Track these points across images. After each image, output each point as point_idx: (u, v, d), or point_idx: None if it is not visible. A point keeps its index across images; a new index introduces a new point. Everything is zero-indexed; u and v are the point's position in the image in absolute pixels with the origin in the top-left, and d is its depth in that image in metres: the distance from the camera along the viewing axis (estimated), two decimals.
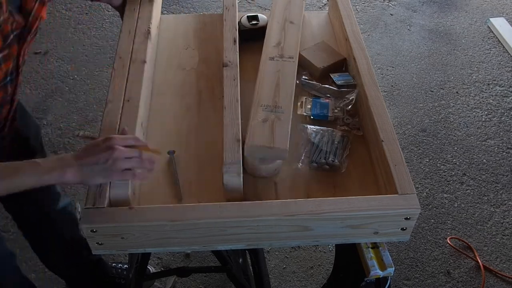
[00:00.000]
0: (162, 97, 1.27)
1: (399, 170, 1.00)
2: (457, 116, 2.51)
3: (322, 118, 1.21)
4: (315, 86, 1.27)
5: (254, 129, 1.08)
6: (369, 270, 1.03)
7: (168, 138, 1.17)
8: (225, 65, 1.22)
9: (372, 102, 1.13)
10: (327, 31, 1.47)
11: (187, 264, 1.90)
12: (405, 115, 2.51)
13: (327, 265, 1.93)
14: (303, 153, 1.12)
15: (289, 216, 0.94)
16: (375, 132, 1.09)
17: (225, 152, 1.02)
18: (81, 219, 0.92)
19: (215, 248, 1.02)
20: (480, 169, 2.27)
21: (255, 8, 3.14)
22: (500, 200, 2.15)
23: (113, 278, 1.78)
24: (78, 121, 2.44)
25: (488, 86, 2.67)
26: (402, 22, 3.08)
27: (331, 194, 1.05)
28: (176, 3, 3.15)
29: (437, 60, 2.82)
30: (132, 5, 1.37)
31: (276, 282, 1.88)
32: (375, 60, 2.80)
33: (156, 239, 0.95)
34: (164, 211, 0.94)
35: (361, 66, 1.22)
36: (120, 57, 1.23)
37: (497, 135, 2.42)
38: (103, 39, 2.89)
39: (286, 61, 1.25)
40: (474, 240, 2.02)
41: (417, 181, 2.21)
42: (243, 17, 1.44)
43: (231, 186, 1.01)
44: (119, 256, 1.92)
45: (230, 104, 1.12)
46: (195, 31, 1.48)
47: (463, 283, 1.90)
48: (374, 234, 1.00)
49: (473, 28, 3.03)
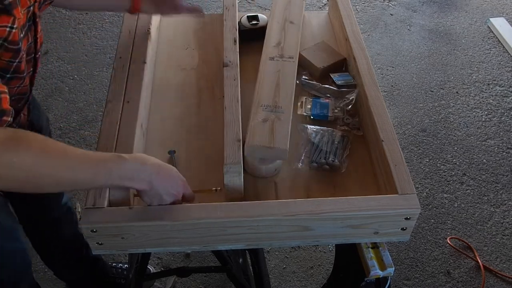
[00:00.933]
0: (162, 97, 1.27)
1: (399, 170, 1.00)
2: (457, 116, 2.51)
3: (322, 118, 1.21)
4: (315, 86, 1.27)
5: (254, 129, 1.08)
6: (369, 270, 1.03)
7: (168, 138, 1.17)
8: (225, 65, 1.22)
9: (372, 102, 1.13)
10: (327, 31, 1.48)
11: (187, 264, 1.90)
12: (405, 115, 2.51)
13: (327, 265, 1.93)
14: (303, 153, 1.12)
15: (289, 216, 0.94)
16: (375, 132, 1.08)
17: (225, 152, 1.02)
18: (81, 219, 0.92)
19: (215, 248, 1.02)
20: (480, 169, 2.27)
21: (255, 8, 3.14)
22: (500, 200, 2.15)
23: (113, 278, 1.78)
24: (78, 121, 2.44)
25: (488, 86, 2.67)
26: (402, 22, 3.08)
27: (331, 194, 1.05)
28: None
29: (437, 60, 2.82)
30: None
31: (276, 282, 1.88)
32: (375, 60, 2.80)
33: (156, 239, 0.95)
34: (164, 211, 0.94)
35: (361, 66, 1.22)
36: (120, 57, 1.23)
37: (497, 135, 2.42)
38: (103, 39, 2.89)
39: (286, 61, 1.25)
40: (474, 240, 2.02)
41: (417, 181, 2.21)
42: (243, 17, 1.44)
43: (231, 186, 1.01)
44: (119, 256, 1.92)
45: (230, 104, 1.12)
46: (195, 31, 1.48)
47: (463, 283, 1.90)
48: (374, 234, 1.00)
49: (473, 28, 3.03)
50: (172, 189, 0.93)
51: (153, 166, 0.90)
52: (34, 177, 0.78)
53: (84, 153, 0.84)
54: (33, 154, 0.77)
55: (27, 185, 0.80)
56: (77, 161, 0.82)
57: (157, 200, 0.93)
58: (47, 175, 0.79)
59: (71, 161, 0.81)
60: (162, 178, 0.91)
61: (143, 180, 0.88)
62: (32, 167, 0.77)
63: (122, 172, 0.86)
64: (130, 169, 0.87)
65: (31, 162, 0.76)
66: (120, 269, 1.80)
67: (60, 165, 0.80)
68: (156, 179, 0.90)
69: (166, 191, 0.92)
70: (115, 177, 0.85)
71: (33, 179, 0.78)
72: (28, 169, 0.76)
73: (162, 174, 0.92)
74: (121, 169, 0.86)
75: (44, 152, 0.78)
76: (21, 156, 0.75)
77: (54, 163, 0.79)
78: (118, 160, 0.86)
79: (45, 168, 0.78)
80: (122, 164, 0.86)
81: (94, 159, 0.84)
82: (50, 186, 0.83)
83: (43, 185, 0.81)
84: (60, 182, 0.82)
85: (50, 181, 0.80)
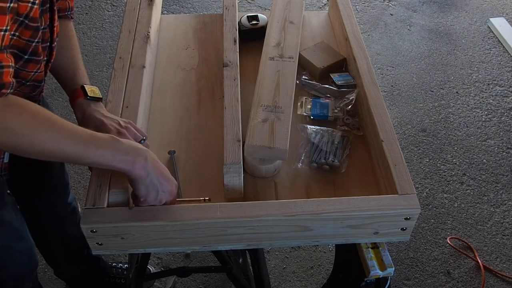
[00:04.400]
0: (162, 97, 1.27)
1: (399, 170, 1.00)
2: (457, 116, 2.51)
3: (322, 118, 1.21)
4: (315, 86, 1.27)
5: (254, 129, 1.08)
6: (369, 270, 1.03)
7: (168, 138, 1.17)
8: (225, 65, 1.22)
9: (372, 102, 1.13)
10: (327, 31, 1.47)
11: (187, 264, 1.90)
12: (405, 115, 2.51)
13: (327, 265, 1.93)
14: (303, 153, 1.12)
15: (289, 216, 0.94)
16: (375, 132, 1.08)
17: (225, 152, 1.02)
18: (81, 219, 0.92)
19: (215, 248, 1.02)
20: (480, 169, 2.27)
21: (255, 8, 3.14)
22: (500, 200, 2.15)
23: (113, 278, 1.78)
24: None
25: (488, 86, 2.67)
26: (402, 22, 3.08)
27: (331, 194, 1.05)
28: (176, 3, 3.15)
29: (437, 60, 2.82)
30: (132, 5, 1.37)
31: (276, 282, 1.88)
32: (375, 60, 2.80)
33: (156, 239, 0.95)
34: (164, 211, 0.94)
35: (361, 66, 1.22)
36: (120, 57, 1.23)
37: (497, 135, 2.42)
38: (103, 39, 2.89)
39: (286, 61, 1.25)
40: (474, 240, 2.02)
41: (417, 181, 2.21)
42: (243, 17, 1.44)
43: (231, 186, 1.01)
44: (119, 256, 1.92)
45: (230, 104, 1.12)
46: (195, 31, 1.48)
47: (463, 283, 1.90)
48: (374, 234, 1.00)
49: (473, 28, 3.03)
50: (167, 187, 0.93)
51: (149, 154, 0.90)
52: (21, 143, 0.80)
53: (75, 128, 0.85)
54: (21, 121, 0.79)
55: (14, 149, 0.83)
56: (64, 135, 0.83)
57: (154, 193, 0.92)
58: (29, 143, 0.81)
59: (57, 133, 0.82)
60: (158, 170, 0.91)
61: (138, 164, 0.88)
62: (19, 133, 0.79)
63: (115, 151, 0.86)
64: (123, 150, 0.87)
65: (18, 129, 0.78)
66: (120, 269, 1.80)
67: (45, 136, 0.81)
68: (152, 168, 0.90)
69: (161, 186, 0.92)
70: (107, 156, 0.86)
71: (19, 145, 0.81)
72: (15, 134, 0.79)
73: (159, 167, 0.92)
74: (114, 149, 0.86)
75: (33, 120, 0.80)
76: (10, 121, 0.78)
77: (38, 133, 0.81)
78: (112, 140, 0.87)
79: (29, 137, 0.80)
80: (115, 144, 0.87)
81: (84, 136, 0.85)
82: (34, 154, 0.84)
83: (29, 152, 0.83)
84: (43, 152, 0.83)
85: (32, 149, 0.82)
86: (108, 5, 3.11)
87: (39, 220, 1.45)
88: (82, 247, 1.59)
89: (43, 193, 1.39)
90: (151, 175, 0.90)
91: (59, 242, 1.56)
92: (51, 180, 1.39)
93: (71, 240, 1.55)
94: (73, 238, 1.54)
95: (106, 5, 3.11)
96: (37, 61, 0.95)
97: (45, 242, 1.55)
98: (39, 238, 1.49)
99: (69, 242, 1.56)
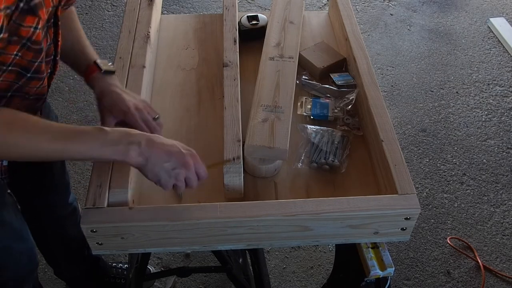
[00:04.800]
0: (162, 97, 1.27)
1: (399, 170, 1.00)
2: (457, 116, 2.51)
3: (322, 118, 1.21)
4: (315, 86, 1.27)
5: (254, 129, 1.08)
6: (369, 270, 1.03)
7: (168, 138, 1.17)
8: (225, 65, 1.22)
9: (372, 102, 1.13)
10: (327, 31, 1.47)
11: (187, 264, 1.90)
12: (405, 115, 2.51)
13: (327, 265, 1.93)
14: (303, 153, 1.12)
15: (289, 216, 0.94)
16: (375, 132, 1.09)
17: (225, 152, 1.02)
18: (81, 219, 0.92)
19: (215, 248, 1.02)
20: (480, 169, 2.27)
21: (255, 8, 3.14)
22: (500, 200, 2.15)
23: (113, 278, 1.78)
24: (78, 121, 2.44)
25: (488, 86, 2.67)
26: (402, 22, 3.08)
27: (331, 194, 1.05)
28: (176, 3, 3.15)
29: (437, 60, 2.82)
30: (132, 5, 1.37)
31: (276, 282, 1.88)
32: (375, 60, 2.80)
33: (156, 239, 0.95)
34: (164, 211, 0.94)
35: (361, 66, 1.22)
36: (120, 57, 1.23)
37: (497, 135, 2.42)
38: (103, 39, 2.89)
39: (286, 61, 1.26)
40: (474, 240, 2.02)
41: (417, 181, 2.21)
42: (243, 17, 1.44)
43: (231, 186, 1.01)
44: (119, 256, 1.92)
45: (230, 104, 1.12)
46: (195, 31, 1.48)
47: (463, 283, 1.90)
48: (374, 234, 1.00)
49: (473, 28, 3.03)
50: (175, 162, 0.88)
51: (144, 138, 0.88)
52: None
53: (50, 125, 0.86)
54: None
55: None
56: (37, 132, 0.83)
57: (164, 175, 0.88)
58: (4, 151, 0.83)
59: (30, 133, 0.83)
60: (158, 151, 0.87)
61: (133, 152, 0.86)
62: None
63: (103, 143, 0.85)
64: (112, 140, 0.86)
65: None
66: (120, 269, 1.80)
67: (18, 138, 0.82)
68: (150, 151, 0.87)
69: (169, 164, 0.88)
70: (96, 149, 0.85)
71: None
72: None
73: (158, 146, 0.88)
74: (102, 140, 0.85)
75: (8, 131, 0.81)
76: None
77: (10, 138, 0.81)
78: (97, 132, 0.86)
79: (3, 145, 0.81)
80: (101, 135, 0.86)
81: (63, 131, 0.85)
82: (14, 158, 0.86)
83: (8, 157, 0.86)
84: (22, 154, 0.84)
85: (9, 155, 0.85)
86: (108, 5, 3.11)
87: (39, 220, 1.46)
88: (82, 247, 1.59)
89: (43, 192, 1.39)
90: (151, 158, 0.87)
91: (59, 242, 1.56)
92: (51, 179, 1.39)
93: (71, 240, 1.55)
94: (73, 238, 1.54)
95: (106, 5, 3.11)
96: (40, 78, 0.95)
97: (45, 242, 1.55)
98: (39, 238, 1.49)
99: (69, 242, 1.56)
